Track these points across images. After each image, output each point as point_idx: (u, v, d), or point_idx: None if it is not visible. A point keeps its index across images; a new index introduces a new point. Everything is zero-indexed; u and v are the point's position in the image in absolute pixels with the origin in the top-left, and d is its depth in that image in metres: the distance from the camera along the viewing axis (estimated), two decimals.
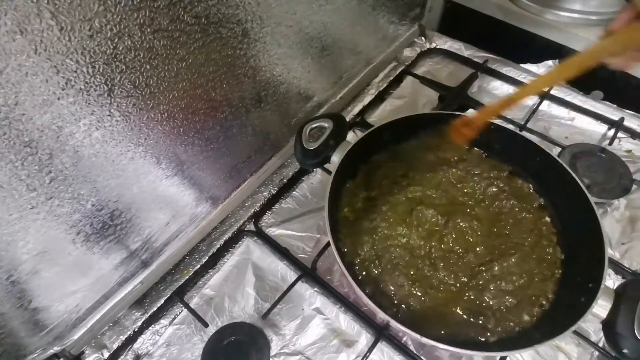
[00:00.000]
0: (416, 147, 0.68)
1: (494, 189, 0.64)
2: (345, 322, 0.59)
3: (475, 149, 0.68)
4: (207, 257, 0.66)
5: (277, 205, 0.73)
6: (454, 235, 0.60)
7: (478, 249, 0.59)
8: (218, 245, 0.68)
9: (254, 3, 0.51)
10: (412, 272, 0.57)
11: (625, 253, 0.64)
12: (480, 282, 0.56)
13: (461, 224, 0.61)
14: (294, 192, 0.74)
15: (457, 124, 0.57)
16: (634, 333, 0.45)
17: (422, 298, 0.55)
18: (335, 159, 0.61)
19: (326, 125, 0.63)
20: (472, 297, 0.55)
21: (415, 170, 0.66)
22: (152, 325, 0.61)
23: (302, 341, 0.58)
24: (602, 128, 0.79)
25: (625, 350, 0.46)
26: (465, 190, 0.65)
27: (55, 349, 0.55)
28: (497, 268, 0.57)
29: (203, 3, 0.45)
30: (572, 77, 0.45)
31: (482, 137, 0.65)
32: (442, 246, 0.59)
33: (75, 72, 0.37)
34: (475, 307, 0.55)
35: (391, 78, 0.89)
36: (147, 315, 0.62)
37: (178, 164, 0.55)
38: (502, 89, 0.86)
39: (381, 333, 0.57)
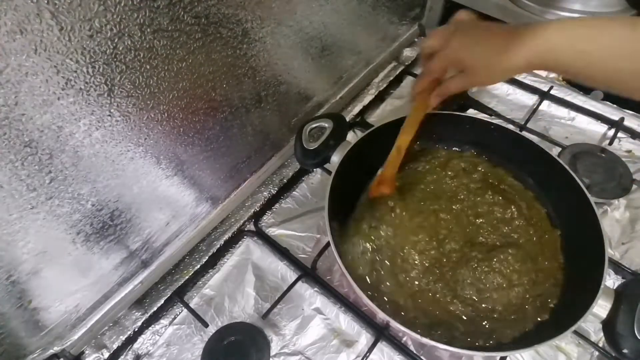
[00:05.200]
0: (416, 148, 0.68)
1: (494, 189, 0.64)
2: (345, 322, 0.59)
3: (474, 150, 0.68)
4: (207, 257, 0.66)
5: (277, 205, 0.73)
6: (453, 235, 0.60)
7: (478, 249, 0.59)
8: (218, 245, 0.68)
9: (254, 3, 0.51)
10: (412, 272, 0.57)
11: (625, 253, 0.64)
12: (480, 282, 0.56)
13: (461, 223, 0.61)
14: (294, 192, 0.74)
15: (374, 186, 0.60)
16: (634, 333, 0.45)
17: (423, 298, 0.55)
18: (335, 159, 0.61)
19: (326, 125, 0.63)
20: (472, 297, 0.55)
21: (415, 170, 0.66)
22: (152, 325, 0.61)
23: (302, 341, 0.58)
24: (602, 128, 0.79)
25: (625, 350, 0.45)
26: (465, 191, 0.64)
27: (55, 349, 0.55)
28: (497, 269, 0.57)
29: (203, 3, 0.45)
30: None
31: (482, 138, 0.66)
32: (442, 246, 0.59)
33: (75, 72, 0.37)
34: (475, 307, 0.55)
35: (391, 78, 0.89)
36: (147, 315, 0.62)
37: (178, 164, 0.55)
38: (502, 89, 0.86)
39: (381, 333, 0.57)
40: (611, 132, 0.77)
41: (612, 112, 0.79)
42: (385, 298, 0.55)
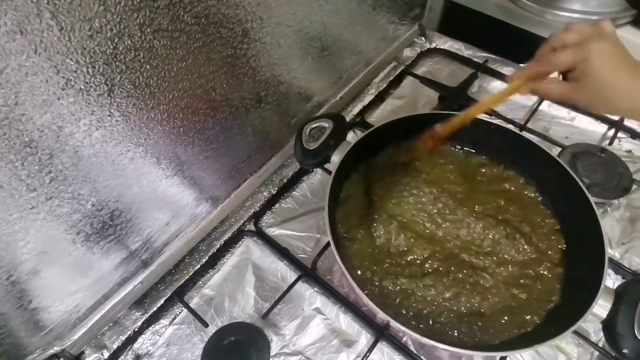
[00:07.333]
0: (416, 148, 0.68)
1: (494, 190, 0.64)
2: (345, 322, 0.59)
3: (475, 150, 0.68)
4: (207, 257, 0.66)
5: (277, 205, 0.73)
6: (453, 236, 0.60)
7: (478, 249, 0.59)
8: (218, 245, 0.68)
9: (254, 3, 0.51)
10: (412, 272, 0.57)
11: (625, 253, 0.64)
12: (480, 283, 0.56)
13: (461, 224, 0.61)
14: (294, 192, 0.74)
15: (427, 137, 0.59)
16: (634, 333, 0.45)
17: (423, 298, 0.55)
18: (335, 159, 0.61)
19: (326, 125, 0.63)
20: (472, 297, 0.55)
21: (415, 170, 0.66)
22: (152, 325, 0.61)
23: (302, 341, 0.58)
24: (602, 128, 0.79)
25: (625, 350, 0.45)
26: (466, 191, 0.64)
27: (55, 349, 0.55)
28: (497, 269, 0.57)
29: (203, 3, 0.45)
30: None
31: (482, 138, 0.66)
32: (443, 245, 0.59)
33: (75, 72, 0.37)
34: (475, 307, 0.55)
35: (391, 78, 0.89)
36: (147, 315, 0.62)
37: (178, 164, 0.55)
38: (502, 88, 0.86)
39: (381, 333, 0.57)
40: (611, 132, 0.77)
41: None
42: (385, 298, 0.55)
